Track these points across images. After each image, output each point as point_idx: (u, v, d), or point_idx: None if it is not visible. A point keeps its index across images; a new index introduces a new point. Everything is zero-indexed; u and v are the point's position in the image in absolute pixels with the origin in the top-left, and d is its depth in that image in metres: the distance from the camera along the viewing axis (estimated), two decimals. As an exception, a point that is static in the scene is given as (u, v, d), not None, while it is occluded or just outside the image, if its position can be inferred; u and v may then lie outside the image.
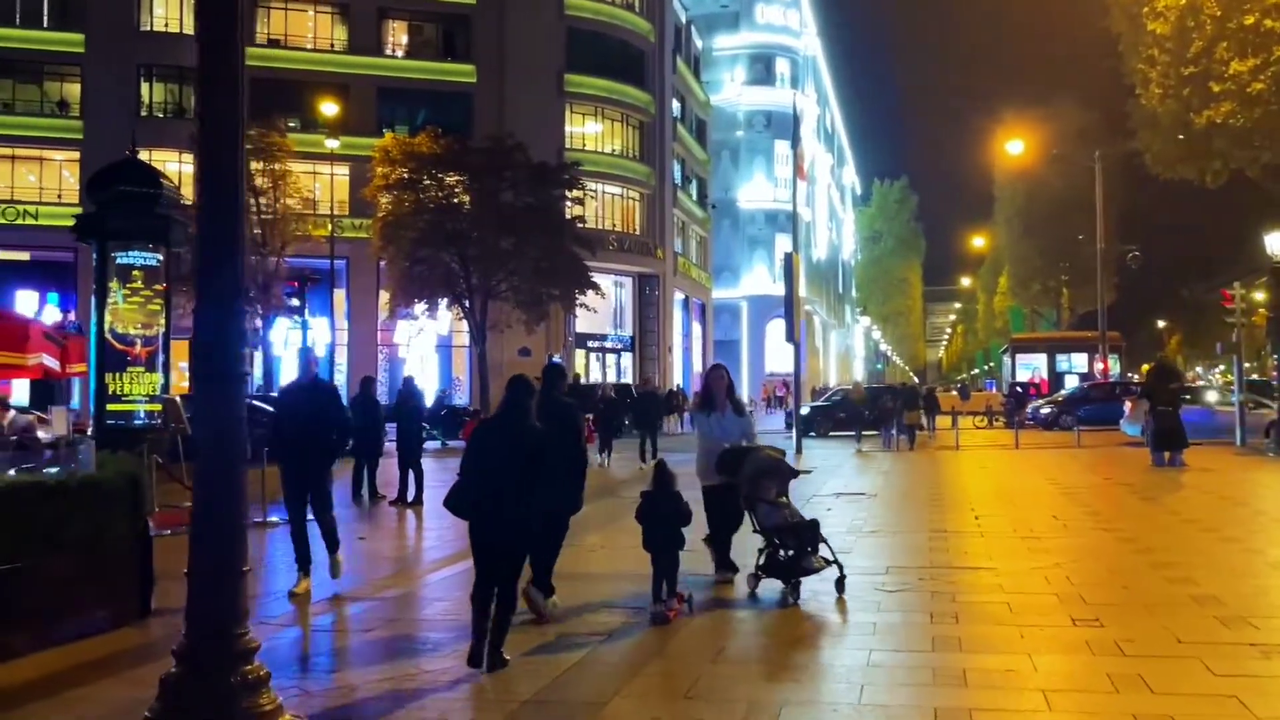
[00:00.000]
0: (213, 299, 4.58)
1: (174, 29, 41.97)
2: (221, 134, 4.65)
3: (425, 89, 44.58)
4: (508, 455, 6.26)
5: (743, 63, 77.12)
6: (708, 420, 9.04)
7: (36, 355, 8.38)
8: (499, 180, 34.31)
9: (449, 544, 12.13)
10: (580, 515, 8.16)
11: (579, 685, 6.02)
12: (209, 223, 4.66)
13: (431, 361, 43.97)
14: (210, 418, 4.54)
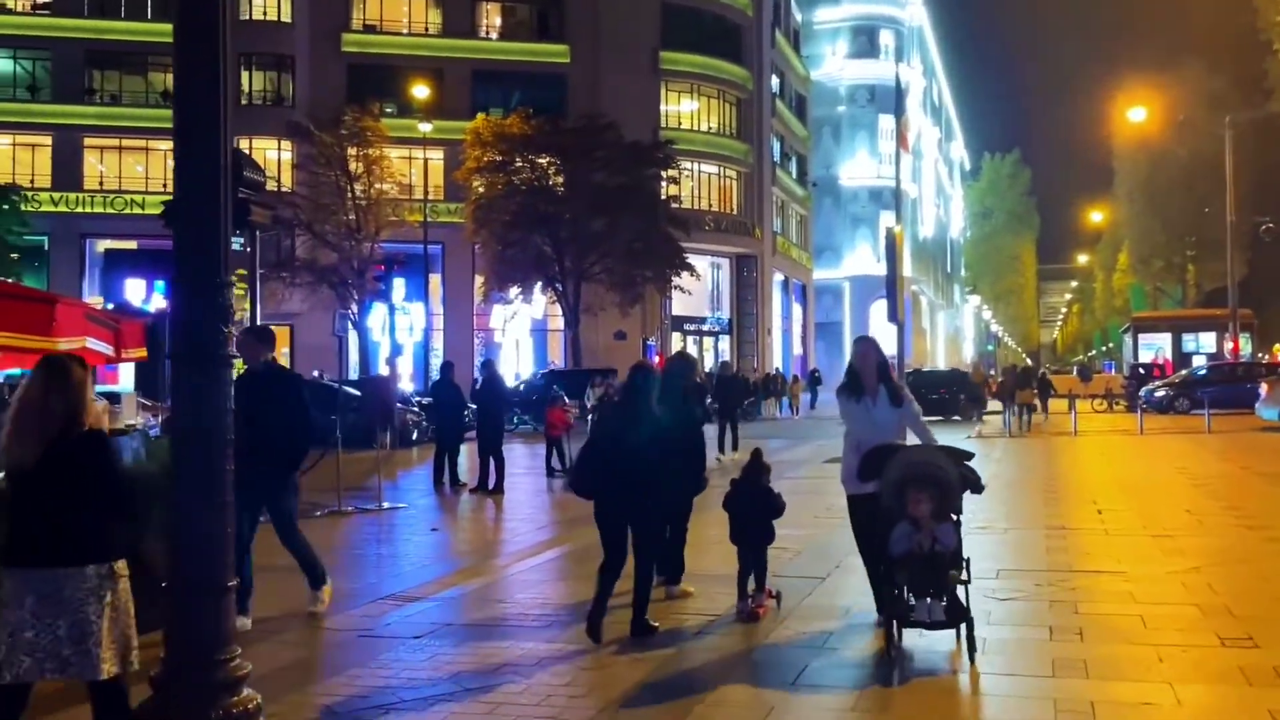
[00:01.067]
0: (190, 273, 3.94)
1: (272, 17, 42.44)
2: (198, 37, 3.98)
3: (519, 71, 44.24)
4: (634, 435, 6.54)
5: (844, 35, 74.99)
6: (856, 408, 6.79)
7: (74, 339, 7.85)
8: (591, 160, 33.75)
9: (524, 535, 11.51)
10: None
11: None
12: (187, 177, 4.01)
13: (526, 346, 43.72)
14: (190, 407, 3.90)
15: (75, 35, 40.65)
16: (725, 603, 7.32)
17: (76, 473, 3.91)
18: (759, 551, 7.17)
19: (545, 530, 11.75)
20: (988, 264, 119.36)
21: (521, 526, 12.25)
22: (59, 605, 3.85)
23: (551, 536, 11.26)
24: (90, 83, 41.71)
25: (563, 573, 9.38)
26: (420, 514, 13.23)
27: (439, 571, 9.33)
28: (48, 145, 40.67)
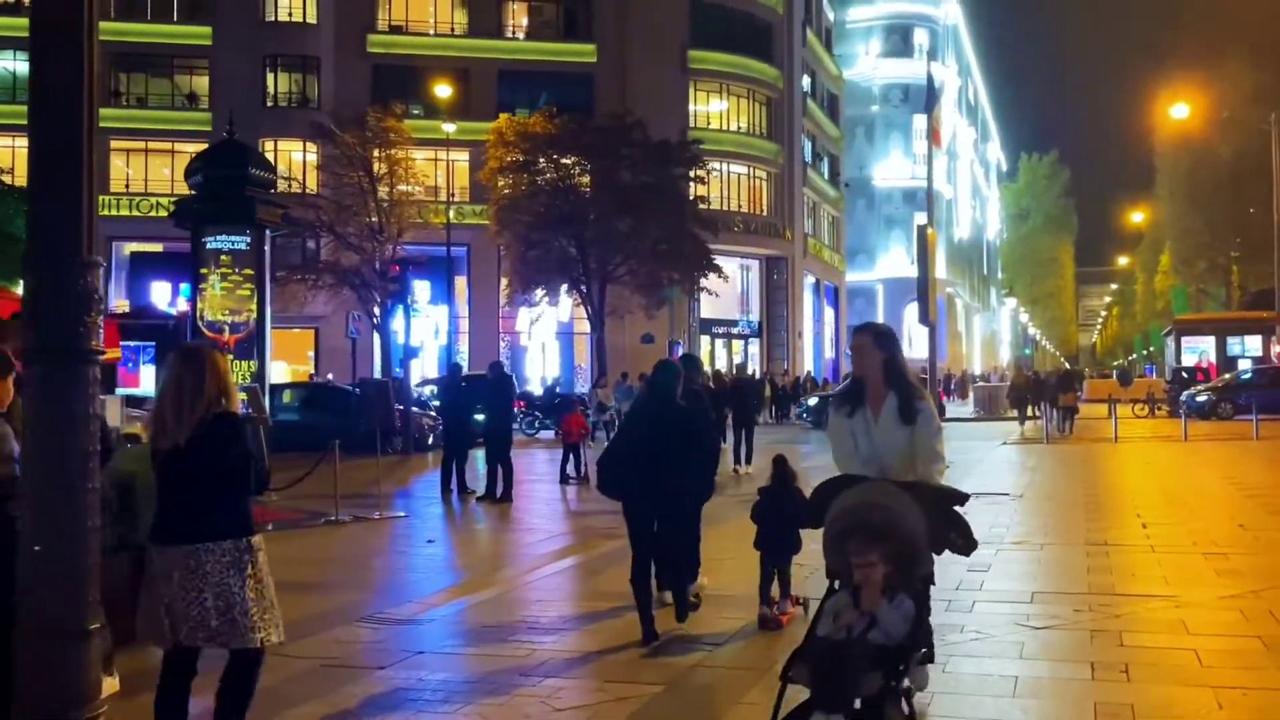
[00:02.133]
0: (43, 251, 3.29)
1: (298, 18, 42.18)
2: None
3: (546, 71, 43.67)
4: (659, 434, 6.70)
5: (878, 34, 73.87)
6: (848, 423, 4.89)
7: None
8: (616, 160, 33.11)
9: (525, 549, 10.85)
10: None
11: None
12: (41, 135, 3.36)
13: (553, 349, 43.15)
14: (41, 415, 3.24)
15: (101, 38, 40.37)
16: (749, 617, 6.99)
17: (217, 452, 4.10)
18: (784, 560, 7.02)
19: (548, 543, 11.06)
20: (1025, 266, 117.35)
21: (523, 539, 11.60)
22: (202, 578, 4.05)
23: (554, 550, 10.58)
24: (116, 85, 41.63)
25: (561, 591, 8.69)
26: (421, 524, 12.60)
27: (426, 590, 8.66)
28: (73, 148, 40.71)
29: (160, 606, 4.10)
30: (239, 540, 4.15)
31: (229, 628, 4.10)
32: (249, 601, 4.12)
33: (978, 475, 16.43)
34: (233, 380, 4.34)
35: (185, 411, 4.09)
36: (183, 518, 4.12)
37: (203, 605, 4.06)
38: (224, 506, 4.16)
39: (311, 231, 33.93)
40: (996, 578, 8.18)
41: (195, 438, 4.08)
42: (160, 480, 4.21)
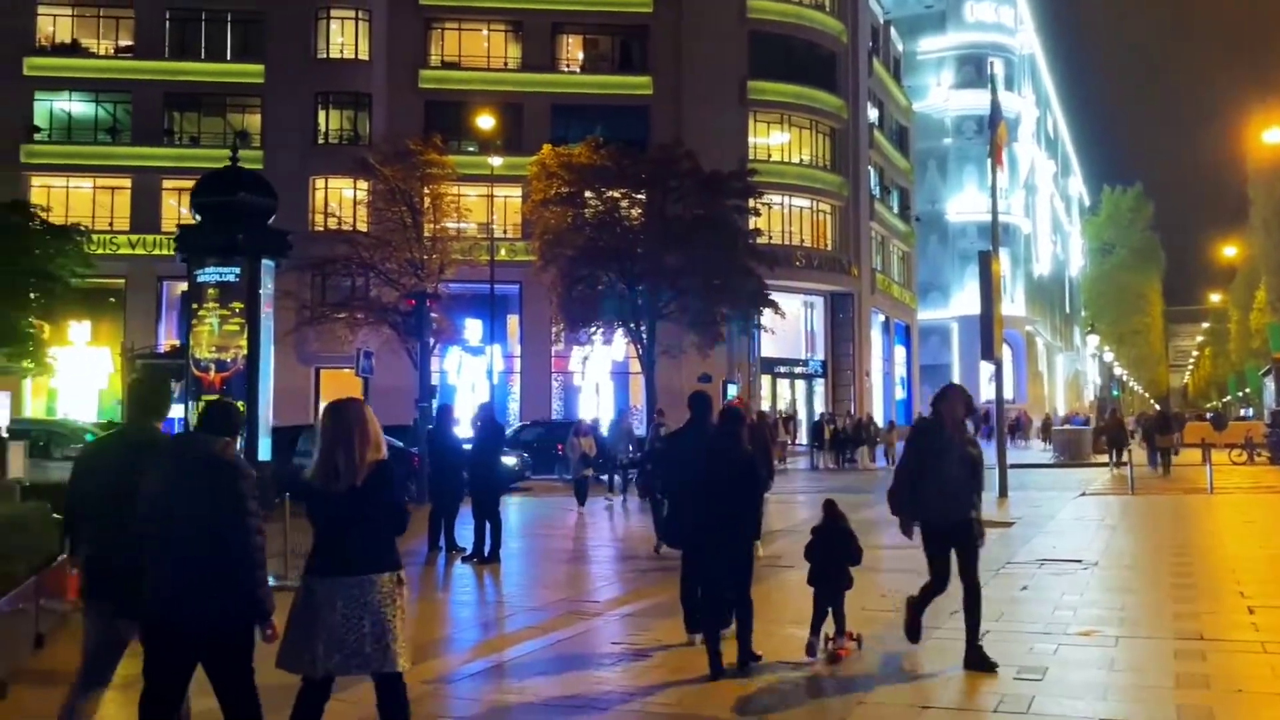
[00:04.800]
0: None
1: (349, 55, 41.77)
2: None
3: (600, 104, 42.57)
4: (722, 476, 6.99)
5: (950, 65, 71.68)
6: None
7: None
8: (664, 191, 31.64)
9: (490, 625, 9.14)
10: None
11: None
12: None
13: (607, 389, 41.60)
14: None
15: (155, 78, 40.62)
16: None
17: (377, 496, 4.60)
18: (838, 596, 7.28)
19: (521, 616, 9.37)
20: (1108, 302, 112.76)
21: (489, 613, 9.92)
22: (364, 608, 4.49)
23: (523, 628, 8.88)
24: (169, 124, 41.59)
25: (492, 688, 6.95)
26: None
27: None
28: (127, 188, 40.57)
29: (315, 636, 4.50)
30: (395, 573, 4.68)
31: (382, 654, 4.56)
32: (398, 630, 4.61)
33: (1048, 534, 14.29)
34: (379, 428, 4.79)
35: (357, 459, 4.59)
36: (350, 553, 4.58)
37: (360, 632, 4.50)
38: (384, 543, 4.70)
39: (354, 269, 33.14)
40: (1055, 689, 6.27)
41: (365, 482, 4.59)
42: (327, 519, 4.69)
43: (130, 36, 41.53)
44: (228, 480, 4.55)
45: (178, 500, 4.56)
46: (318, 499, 4.69)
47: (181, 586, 4.49)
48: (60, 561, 9.52)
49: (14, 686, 7.14)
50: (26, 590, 8.06)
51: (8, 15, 39.56)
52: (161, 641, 4.60)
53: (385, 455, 4.73)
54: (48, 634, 8.53)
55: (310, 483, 4.70)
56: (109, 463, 5.06)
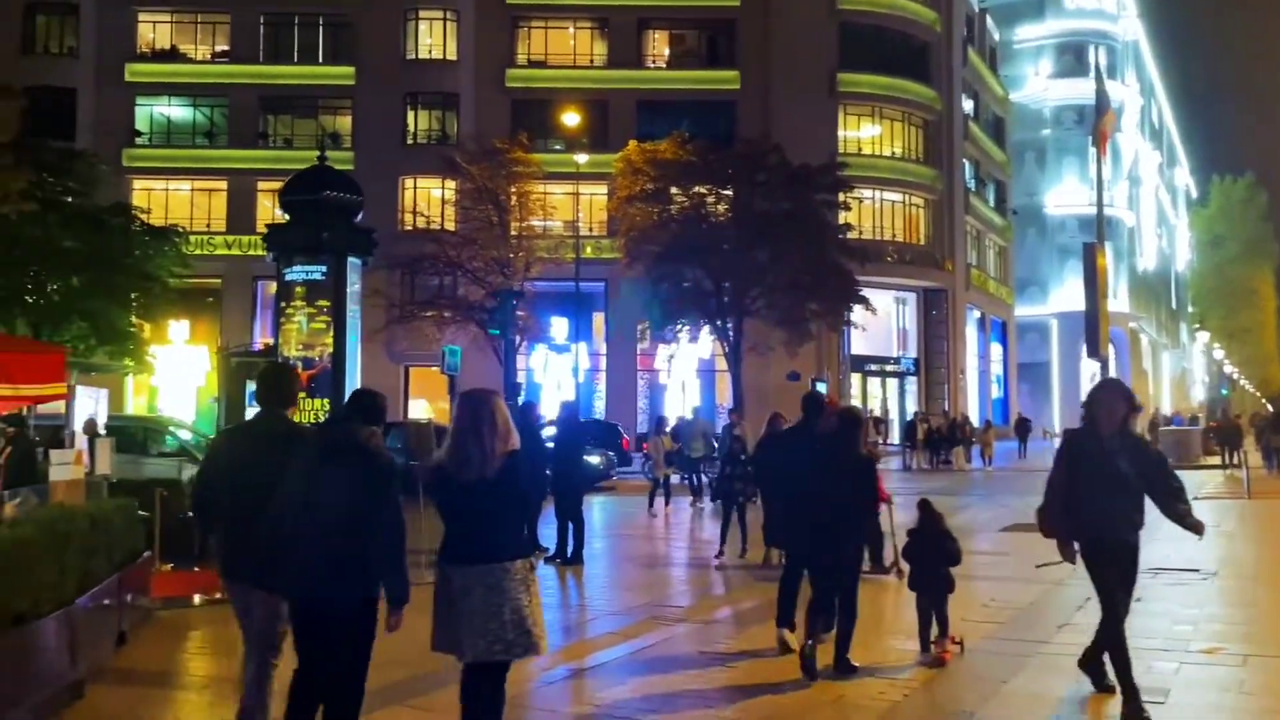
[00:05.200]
0: None
1: (437, 55, 42.13)
2: None
3: (686, 100, 42.17)
4: (836, 478, 6.82)
5: (1049, 54, 69.44)
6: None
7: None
8: (752, 186, 31.15)
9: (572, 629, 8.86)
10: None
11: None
12: None
13: (694, 387, 41.21)
14: None
15: (250, 82, 41.49)
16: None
17: (508, 486, 4.67)
18: (940, 598, 7.18)
19: (604, 621, 9.07)
20: (1218, 298, 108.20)
21: (570, 617, 9.63)
22: (502, 594, 4.59)
23: (604, 633, 8.58)
24: (263, 127, 42.47)
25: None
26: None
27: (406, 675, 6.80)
28: (223, 190, 41.52)
29: (458, 622, 4.61)
30: (527, 560, 4.76)
31: (524, 639, 4.64)
32: (536, 614, 4.68)
33: (1161, 541, 13.47)
34: (510, 420, 4.86)
35: (488, 450, 4.64)
36: (485, 541, 4.65)
37: (501, 619, 4.58)
38: (516, 531, 4.83)
39: (441, 267, 33.39)
40: (1175, 715, 5.71)
41: (498, 472, 4.64)
42: (460, 508, 4.74)
43: (226, 41, 42.52)
44: (372, 468, 4.70)
45: (323, 487, 4.68)
46: (449, 489, 4.75)
47: (324, 570, 4.63)
48: (146, 558, 9.56)
49: (93, 686, 7.08)
50: (110, 587, 8.04)
51: (111, 23, 40.84)
52: (306, 622, 4.76)
53: (515, 446, 4.78)
54: (130, 632, 8.52)
55: (442, 473, 4.77)
56: (240, 450, 5.30)
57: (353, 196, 16.14)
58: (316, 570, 4.62)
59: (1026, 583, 10.16)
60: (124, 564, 8.55)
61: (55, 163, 29.11)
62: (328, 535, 4.62)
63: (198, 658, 8.41)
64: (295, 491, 4.71)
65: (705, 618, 9.28)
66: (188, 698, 7.12)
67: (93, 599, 7.40)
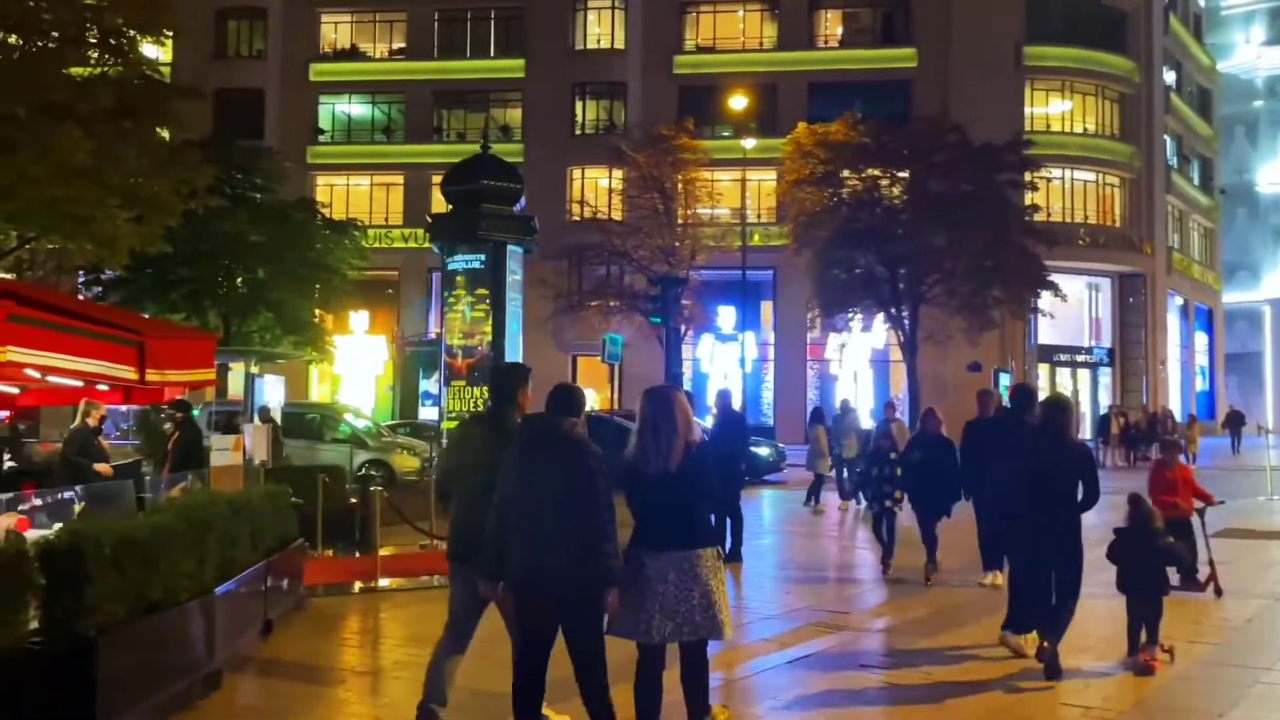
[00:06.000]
0: None
1: (605, 45, 42.09)
2: None
3: (859, 80, 40.68)
4: (1056, 469, 6.68)
5: (1261, 19, 63.87)
6: None
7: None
8: (929, 167, 29.63)
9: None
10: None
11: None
12: None
13: (866, 378, 39.77)
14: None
15: (425, 77, 42.55)
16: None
17: (693, 477, 5.00)
18: (1153, 600, 6.84)
19: (761, 625, 8.38)
20: None
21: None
22: (693, 580, 4.92)
23: (759, 639, 7.89)
24: (438, 122, 43.45)
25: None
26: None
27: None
28: (400, 184, 42.69)
29: (649, 606, 4.88)
30: (714, 548, 5.06)
31: (710, 622, 4.92)
32: (723, 599, 4.94)
33: None
34: (692, 414, 5.15)
35: (672, 443, 4.93)
36: (673, 530, 4.94)
37: (690, 602, 4.85)
38: (703, 520, 5.06)
39: (607, 257, 33.29)
40: None
41: (684, 464, 4.90)
42: (649, 498, 5.04)
43: (403, 39, 43.74)
44: (578, 457, 4.94)
45: (535, 477, 4.98)
46: (638, 482, 5.06)
47: (543, 556, 4.90)
48: (297, 545, 9.46)
49: (233, 676, 6.90)
50: (255, 575, 7.89)
51: (296, 25, 42.64)
52: (528, 606, 5.05)
53: (699, 438, 5.07)
54: (280, 620, 8.38)
55: (630, 465, 5.08)
56: (471, 442, 5.72)
57: (511, 184, 15.92)
58: (536, 555, 4.91)
59: (1243, 597, 9.00)
60: (272, 551, 8.42)
61: (243, 161, 30.50)
62: (542, 523, 4.91)
63: (344, 649, 8.18)
64: (509, 482, 5.03)
65: (873, 625, 8.54)
66: (324, 692, 6.85)
67: (234, 588, 7.24)
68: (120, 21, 17.82)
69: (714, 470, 5.16)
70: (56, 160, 15.44)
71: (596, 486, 4.89)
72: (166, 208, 18.16)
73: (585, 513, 4.85)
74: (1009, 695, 6.33)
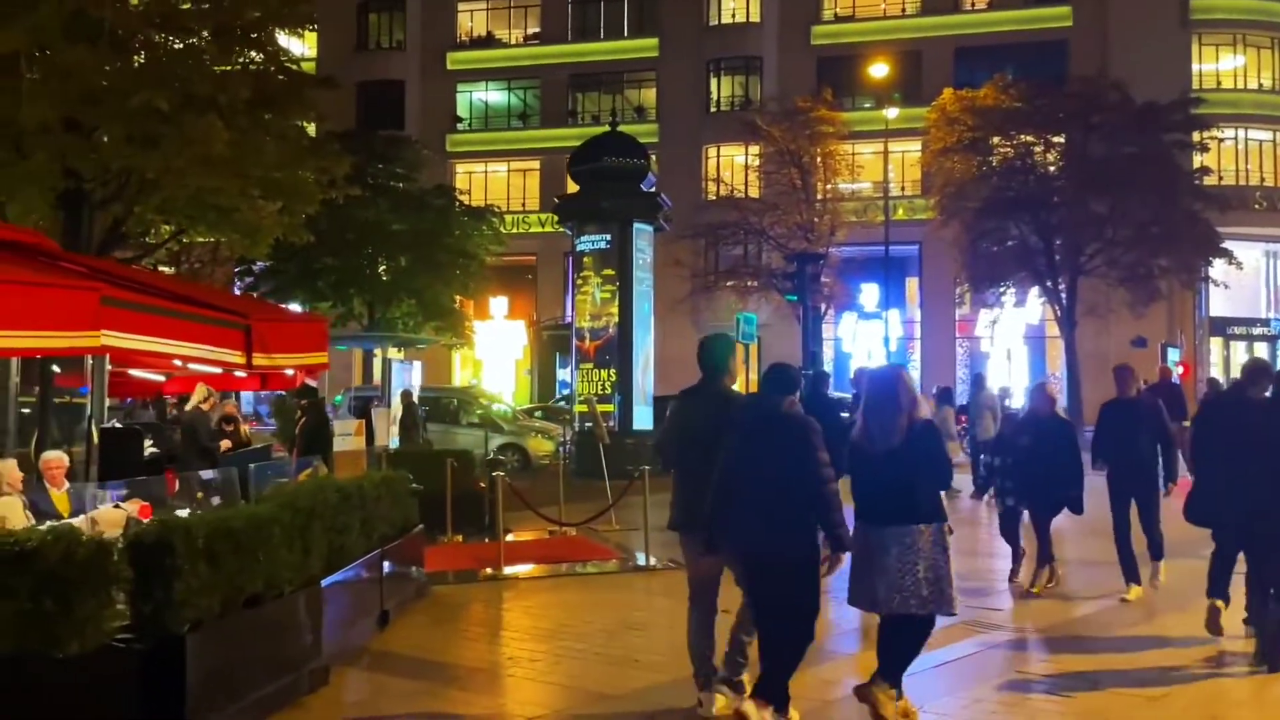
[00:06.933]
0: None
1: (740, 19, 41.18)
2: None
3: (1009, 44, 38.57)
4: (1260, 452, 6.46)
5: None
6: None
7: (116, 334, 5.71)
8: (1087, 129, 27.83)
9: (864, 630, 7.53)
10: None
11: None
12: None
13: (1020, 355, 37.88)
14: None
15: (560, 61, 42.51)
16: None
17: (917, 452, 5.10)
18: None
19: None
20: None
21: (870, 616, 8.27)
22: (917, 554, 5.01)
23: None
24: (572, 105, 43.38)
25: None
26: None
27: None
28: (536, 169, 42.82)
29: (875, 578, 5.05)
30: (939, 524, 5.13)
31: (938, 596, 5.06)
32: (951, 576, 5.08)
33: None
34: (918, 392, 5.31)
35: (895, 420, 5.09)
36: (896, 505, 5.05)
37: (915, 577, 4.99)
38: (927, 496, 5.12)
39: (744, 235, 32.61)
40: None
41: (909, 439, 5.07)
42: (871, 475, 5.18)
43: (537, 23, 43.81)
44: (797, 433, 5.12)
45: (756, 452, 5.17)
46: (862, 459, 5.23)
47: (763, 526, 5.09)
48: (417, 531, 9.22)
49: (343, 670, 6.65)
50: (368, 565, 7.65)
51: (434, 15, 43.27)
52: (752, 573, 5.29)
53: (924, 416, 5.20)
54: (398, 610, 8.14)
55: (855, 445, 5.28)
56: (691, 415, 5.78)
57: (634, 160, 15.41)
58: (757, 528, 5.11)
59: None
60: (389, 539, 8.18)
61: (384, 151, 31.06)
62: (765, 496, 5.09)
63: (463, 643, 7.80)
64: (732, 457, 5.21)
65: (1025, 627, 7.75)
66: (436, 689, 6.52)
67: (344, 578, 7.00)
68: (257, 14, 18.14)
69: (940, 447, 5.28)
70: (197, 152, 15.78)
71: (818, 462, 5.07)
72: (306, 197, 18.45)
73: (805, 487, 5.03)
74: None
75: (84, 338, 5.53)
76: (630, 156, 15.44)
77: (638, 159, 15.51)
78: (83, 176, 14.28)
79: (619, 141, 16.30)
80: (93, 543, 4.76)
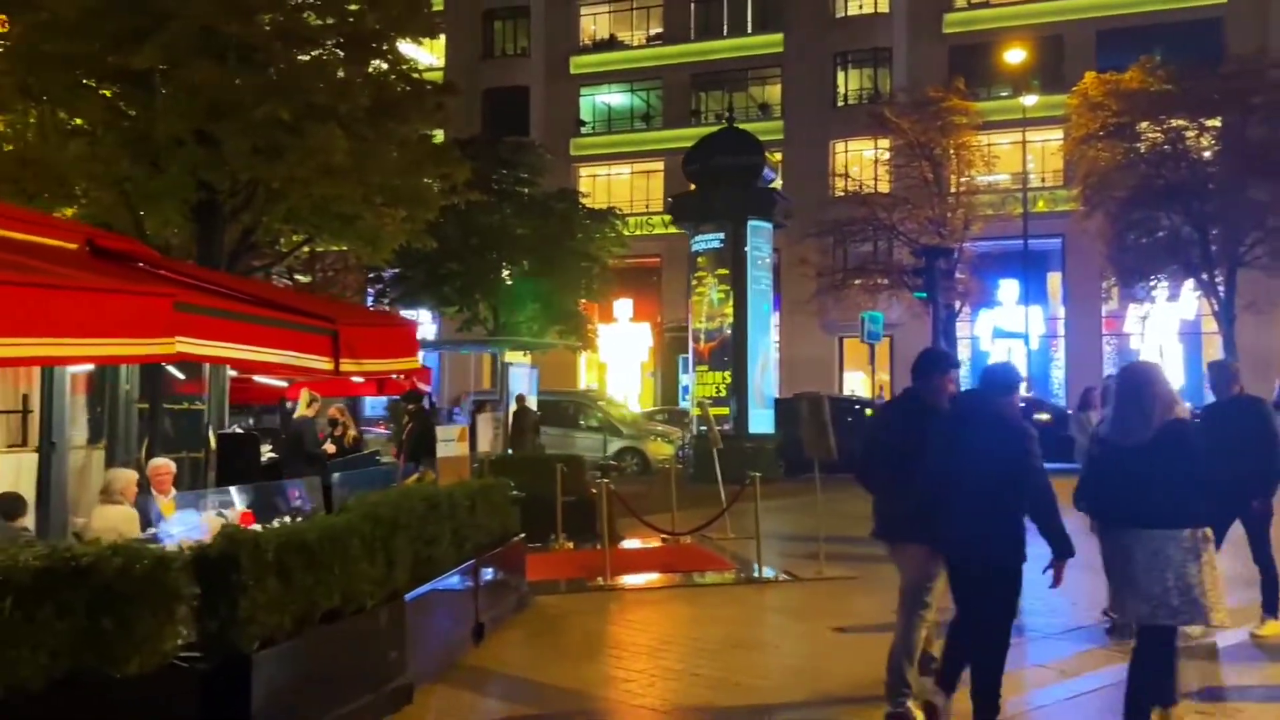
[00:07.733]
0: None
1: (868, 10, 40.05)
2: None
3: (1157, 23, 36.33)
4: None
5: None
6: None
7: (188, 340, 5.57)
8: (1246, 112, 25.93)
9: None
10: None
11: None
12: None
13: (1174, 352, 35.66)
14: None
15: (682, 61, 42.16)
16: None
17: (1170, 452, 4.81)
18: None
19: (1035, 646, 6.98)
20: None
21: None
22: (1165, 561, 4.72)
23: (1034, 665, 6.56)
24: (696, 105, 42.97)
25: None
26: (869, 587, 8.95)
27: None
28: (660, 170, 42.55)
29: (1123, 584, 4.92)
30: (1196, 530, 4.79)
31: (1190, 606, 4.74)
32: (1206, 584, 4.74)
33: None
34: (1173, 390, 5.11)
35: (1147, 417, 4.88)
36: (1146, 506, 4.82)
37: (1164, 585, 4.73)
38: (1182, 499, 4.81)
39: (873, 231, 31.61)
40: None
41: (1160, 436, 4.84)
42: (1120, 472, 4.95)
43: (660, 24, 43.56)
44: (1014, 435, 5.02)
45: (966, 451, 5.04)
46: (1110, 453, 5.03)
47: (976, 528, 4.99)
48: (517, 540, 8.95)
49: (429, 688, 6.38)
50: (461, 576, 7.40)
51: (557, 20, 43.51)
52: (960, 578, 5.20)
53: (1178, 414, 4.97)
54: (492, 623, 7.87)
55: (1104, 440, 5.12)
56: (896, 421, 5.79)
57: (746, 158, 14.91)
58: (967, 530, 5.02)
59: None
60: (484, 549, 7.94)
61: (508, 156, 31.30)
62: (977, 498, 4.97)
63: (561, 661, 7.32)
64: (941, 458, 5.11)
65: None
66: (523, 712, 6.20)
67: (432, 591, 6.76)
68: (377, 24, 18.36)
69: (1197, 448, 4.93)
70: (319, 161, 16.03)
71: (1033, 465, 4.97)
72: (427, 203, 18.59)
73: (1017, 488, 4.93)
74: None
75: (159, 345, 5.40)
76: (745, 153, 14.94)
77: (751, 155, 15.00)
78: (214, 188, 14.63)
79: (732, 138, 15.84)
80: (154, 557, 4.59)
